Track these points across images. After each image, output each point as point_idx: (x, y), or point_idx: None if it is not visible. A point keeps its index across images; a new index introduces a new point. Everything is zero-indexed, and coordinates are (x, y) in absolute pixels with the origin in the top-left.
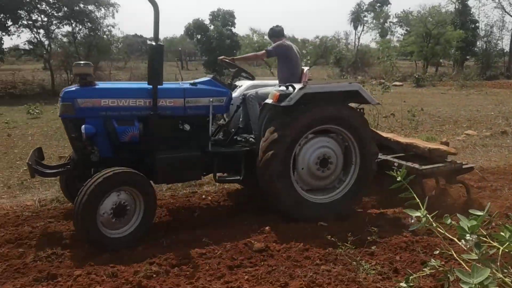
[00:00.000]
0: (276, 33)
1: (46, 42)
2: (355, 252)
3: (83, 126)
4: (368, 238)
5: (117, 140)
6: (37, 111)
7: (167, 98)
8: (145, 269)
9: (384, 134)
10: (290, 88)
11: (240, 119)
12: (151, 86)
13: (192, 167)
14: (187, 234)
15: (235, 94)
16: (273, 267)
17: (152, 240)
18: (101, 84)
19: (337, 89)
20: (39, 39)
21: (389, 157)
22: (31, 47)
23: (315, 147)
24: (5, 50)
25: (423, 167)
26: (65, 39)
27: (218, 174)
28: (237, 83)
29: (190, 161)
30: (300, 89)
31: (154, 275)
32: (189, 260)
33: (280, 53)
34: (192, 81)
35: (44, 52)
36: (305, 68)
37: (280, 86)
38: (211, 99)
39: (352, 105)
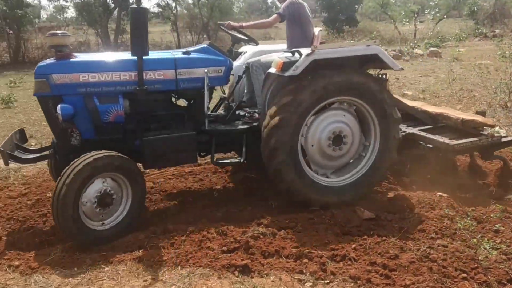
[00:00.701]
0: None
1: (173, 5)
2: (477, 228)
3: (59, 105)
4: (492, 215)
5: (100, 120)
6: None
7: (156, 70)
8: (253, 230)
9: (410, 103)
10: (297, 55)
11: (245, 91)
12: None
13: (186, 148)
14: None
15: (238, 62)
16: (382, 238)
17: (262, 202)
18: (80, 57)
19: (351, 53)
20: (166, 2)
21: (415, 130)
22: (160, 10)
23: (326, 122)
24: None
25: (454, 142)
26: (190, 1)
27: (217, 156)
28: (242, 49)
29: (183, 142)
30: (308, 55)
31: (261, 236)
32: (296, 224)
33: (292, 12)
34: (185, 50)
35: (171, 14)
36: (317, 30)
37: (285, 52)
38: (205, 70)
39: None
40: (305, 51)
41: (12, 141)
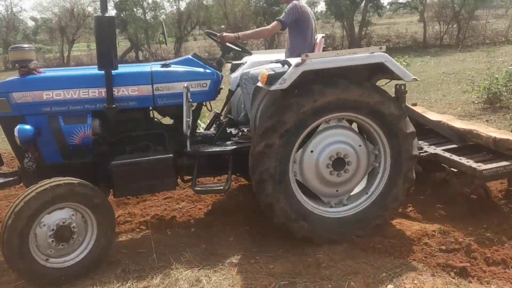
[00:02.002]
0: None
1: None
2: None
3: (16, 127)
4: None
5: (65, 142)
6: (404, 63)
7: (129, 85)
8: (478, 233)
9: (434, 116)
10: (286, 65)
11: (242, 107)
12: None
13: (161, 174)
14: None
15: (236, 74)
16: None
17: None
18: (46, 73)
19: (350, 62)
20: None
21: (438, 150)
22: (408, 0)
23: (325, 143)
24: (383, 5)
25: (483, 166)
26: None
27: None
28: (244, 59)
29: (157, 166)
30: (297, 65)
31: (487, 242)
32: None
33: (294, 19)
34: (164, 62)
35: (420, 3)
36: (319, 36)
37: (273, 62)
38: (185, 84)
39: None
40: (294, 61)
41: None
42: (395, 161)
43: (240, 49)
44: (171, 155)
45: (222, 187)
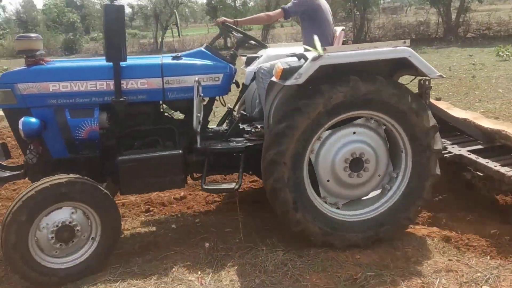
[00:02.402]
0: None
1: None
2: None
3: (21, 120)
4: None
5: (71, 136)
6: (507, 53)
7: (139, 78)
8: None
9: (458, 113)
10: (303, 59)
11: (257, 102)
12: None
13: (168, 171)
14: None
15: (250, 67)
16: None
17: None
18: (54, 63)
19: (371, 57)
20: None
21: (464, 151)
22: None
23: (342, 142)
24: None
25: None
26: None
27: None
28: (260, 52)
29: (165, 163)
30: (314, 59)
31: None
32: None
33: (303, 10)
34: (175, 54)
35: None
36: (339, 28)
37: (289, 55)
38: (196, 78)
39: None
40: (311, 54)
41: None
42: (417, 158)
43: (254, 42)
44: (180, 151)
45: (232, 186)
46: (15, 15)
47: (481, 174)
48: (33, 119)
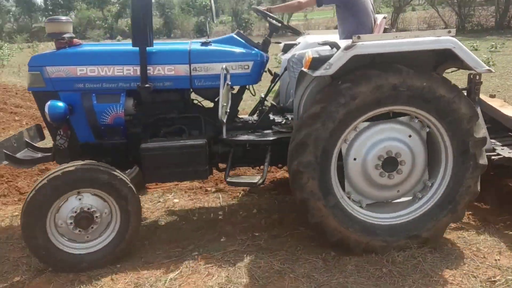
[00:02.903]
0: None
1: None
2: None
3: (48, 103)
4: None
5: (96, 121)
6: None
7: (166, 64)
8: None
9: (508, 110)
10: (335, 48)
11: (291, 92)
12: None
13: (191, 161)
14: None
15: (287, 55)
16: None
17: None
18: (84, 46)
19: (411, 47)
20: None
21: None
22: None
23: (375, 139)
24: None
25: None
26: None
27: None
28: (299, 39)
29: (188, 152)
30: (346, 48)
31: None
32: None
33: None
34: (205, 40)
35: None
36: (380, 16)
37: (320, 44)
38: (224, 65)
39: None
40: (343, 43)
41: (21, 137)
42: (458, 170)
43: (288, 30)
44: (203, 141)
45: (255, 181)
46: None
47: None
48: (59, 103)
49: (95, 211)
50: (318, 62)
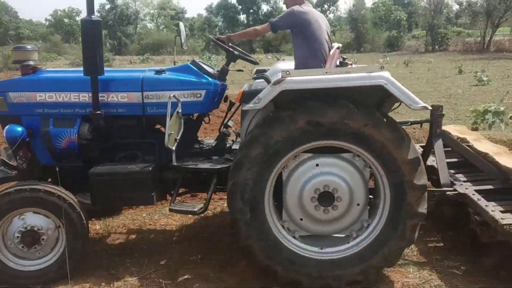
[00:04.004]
0: None
1: None
2: None
3: (6, 127)
4: None
5: (52, 145)
6: None
7: (119, 91)
8: None
9: (486, 148)
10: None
11: None
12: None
13: (139, 187)
14: None
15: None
16: None
17: None
18: (45, 73)
19: (339, 83)
20: None
21: (470, 190)
22: None
23: (315, 172)
24: None
25: (507, 219)
26: None
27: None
28: (274, 64)
29: (134, 179)
30: (275, 83)
31: None
32: None
33: (291, 24)
34: (160, 68)
35: None
36: (335, 46)
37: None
38: (171, 94)
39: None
40: (275, 78)
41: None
42: (396, 194)
43: (247, 57)
44: (149, 168)
45: (195, 209)
46: (347, 13)
47: (478, 219)
48: (17, 127)
49: (39, 229)
50: (249, 95)
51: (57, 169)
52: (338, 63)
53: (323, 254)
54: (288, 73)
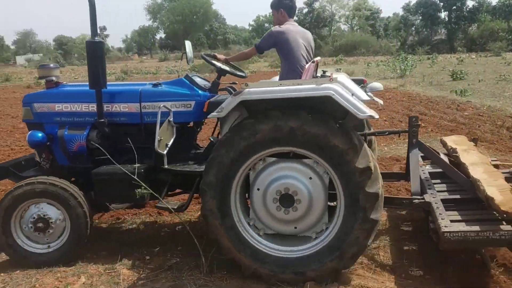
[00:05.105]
0: (276, 4)
1: None
2: None
3: (28, 133)
4: None
5: (66, 148)
6: None
7: (121, 102)
8: None
9: (471, 159)
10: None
11: None
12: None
13: (133, 186)
14: None
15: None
16: None
17: None
18: (64, 87)
19: (291, 94)
20: None
21: (436, 199)
22: None
23: (278, 175)
24: None
25: (450, 228)
26: None
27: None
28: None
29: (130, 179)
30: (235, 95)
31: None
32: None
33: (272, 44)
34: (156, 82)
35: None
36: (317, 59)
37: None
38: (161, 104)
39: None
40: (237, 88)
41: (32, 158)
42: (349, 200)
43: (235, 71)
44: (142, 169)
45: (176, 207)
46: None
47: (432, 226)
48: (38, 133)
49: (50, 217)
50: (215, 105)
51: (76, 169)
52: (319, 76)
53: (283, 252)
54: (246, 85)
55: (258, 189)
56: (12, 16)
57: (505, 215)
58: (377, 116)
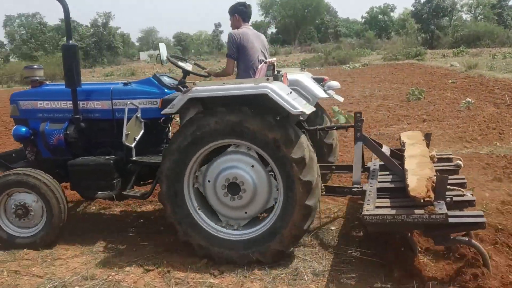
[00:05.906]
0: (231, 10)
1: None
2: None
3: (13, 128)
4: None
5: (47, 142)
6: None
7: (94, 100)
8: None
9: (411, 148)
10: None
11: None
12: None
13: (103, 176)
14: None
15: None
16: None
17: None
18: (46, 86)
19: (233, 92)
20: None
21: (373, 188)
22: None
23: (225, 165)
24: None
25: (369, 212)
26: None
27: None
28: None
29: (101, 169)
30: (184, 92)
31: None
32: None
33: (235, 45)
34: (126, 81)
35: None
36: (271, 60)
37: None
38: (128, 102)
39: None
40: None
41: (22, 151)
42: (287, 188)
43: (196, 73)
44: (111, 161)
45: (139, 195)
46: None
47: (360, 211)
48: (21, 128)
49: (28, 205)
50: (167, 102)
51: (59, 161)
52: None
53: (231, 235)
54: (195, 84)
55: (209, 181)
56: (138, 16)
57: (414, 200)
58: (308, 112)
